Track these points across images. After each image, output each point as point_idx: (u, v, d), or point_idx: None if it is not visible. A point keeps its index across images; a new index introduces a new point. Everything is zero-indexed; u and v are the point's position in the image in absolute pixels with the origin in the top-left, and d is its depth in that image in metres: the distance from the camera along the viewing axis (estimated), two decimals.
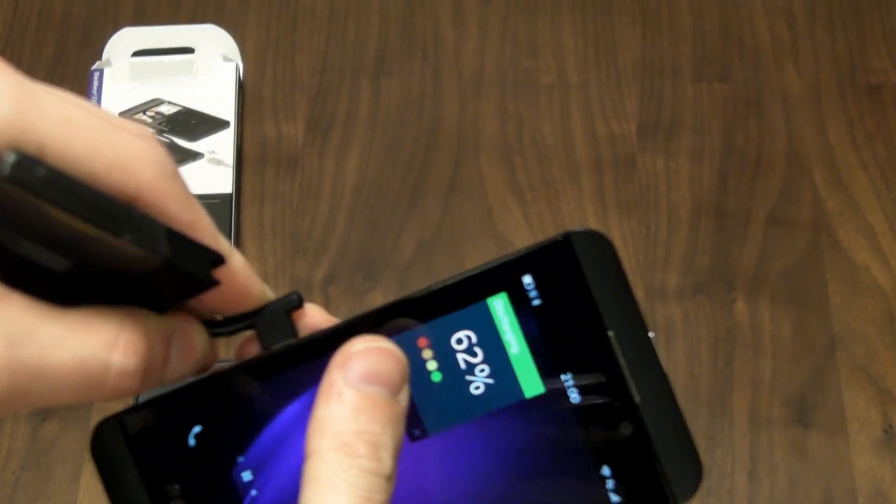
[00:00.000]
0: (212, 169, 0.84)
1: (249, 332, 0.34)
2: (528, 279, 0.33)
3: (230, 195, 0.83)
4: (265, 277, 0.65)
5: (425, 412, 0.33)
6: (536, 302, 0.33)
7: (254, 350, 0.34)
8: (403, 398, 0.31)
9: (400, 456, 0.32)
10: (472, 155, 0.86)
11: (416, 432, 0.33)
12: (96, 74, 0.88)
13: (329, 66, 0.91)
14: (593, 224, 0.84)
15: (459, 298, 0.33)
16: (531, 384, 0.33)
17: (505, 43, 0.92)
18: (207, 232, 0.32)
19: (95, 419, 0.79)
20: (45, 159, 0.27)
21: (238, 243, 0.82)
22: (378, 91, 0.90)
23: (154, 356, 0.31)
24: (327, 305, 0.80)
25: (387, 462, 0.30)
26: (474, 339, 0.33)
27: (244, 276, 0.33)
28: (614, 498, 0.33)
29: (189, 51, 0.89)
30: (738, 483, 0.75)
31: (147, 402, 0.33)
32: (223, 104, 0.87)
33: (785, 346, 0.79)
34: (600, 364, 0.33)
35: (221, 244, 0.32)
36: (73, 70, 0.91)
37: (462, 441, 0.33)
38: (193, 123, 0.86)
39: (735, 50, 0.91)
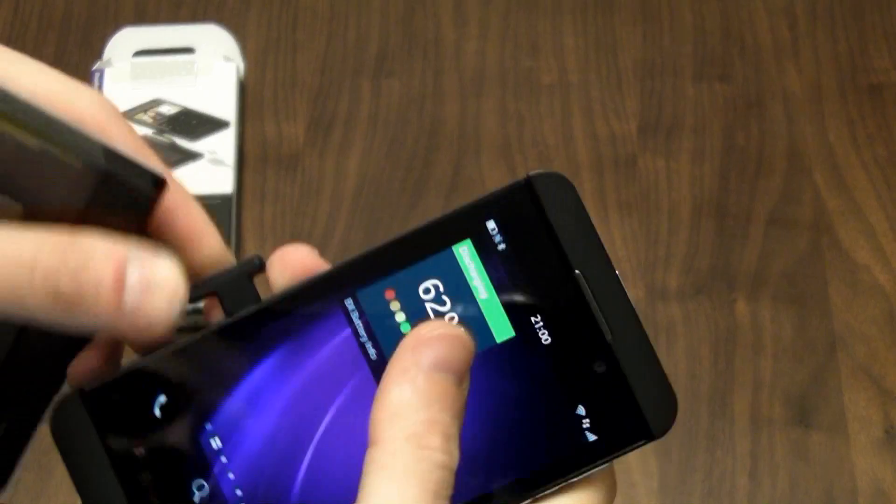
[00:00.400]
0: (212, 169, 0.84)
1: (213, 298, 0.34)
2: (491, 224, 0.33)
3: (231, 195, 0.83)
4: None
5: None
6: (501, 247, 0.33)
7: (217, 316, 0.34)
8: (466, 386, 0.31)
9: None
10: (473, 155, 0.86)
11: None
12: (97, 74, 0.88)
13: (330, 66, 0.91)
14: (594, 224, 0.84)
15: (424, 247, 0.33)
16: (501, 329, 0.33)
17: (506, 43, 0.92)
18: (152, 160, 0.32)
19: None
20: None
21: (239, 243, 0.82)
22: (379, 91, 0.90)
23: (97, 271, 0.29)
24: None
25: (455, 455, 0.30)
26: (442, 287, 0.33)
27: (195, 211, 0.33)
28: (591, 437, 0.33)
29: (189, 51, 0.89)
30: (739, 483, 0.75)
31: (110, 378, 0.33)
32: (224, 104, 0.87)
33: (786, 346, 0.79)
34: (569, 304, 0.33)
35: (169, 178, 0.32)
36: (74, 70, 0.91)
37: None
38: (194, 124, 0.86)
39: (736, 50, 0.91)
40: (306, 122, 0.88)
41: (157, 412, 0.33)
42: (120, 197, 0.30)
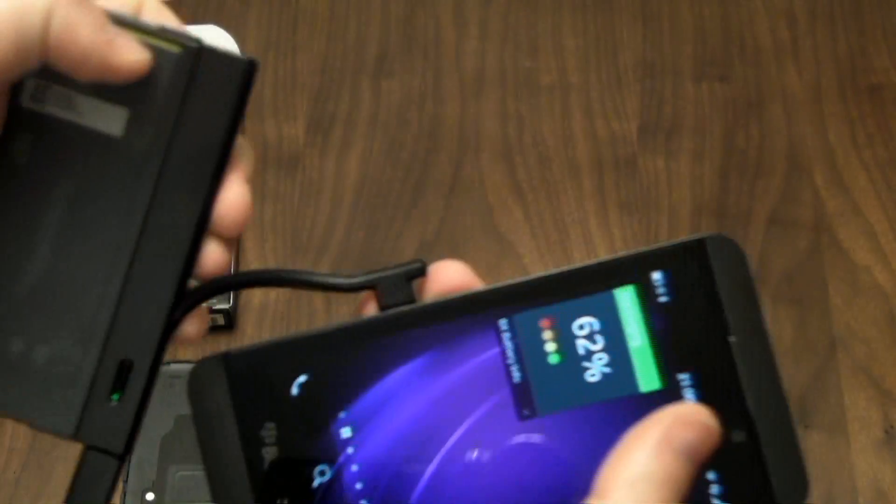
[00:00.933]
0: None
1: (370, 293, 0.34)
2: (657, 275, 0.33)
3: None
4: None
5: (539, 393, 0.33)
6: (663, 299, 0.33)
7: (372, 310, 0.34)
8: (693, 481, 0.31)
9: (507, 434, 0.32)
10: (473, 155, 0.86)
11: (526, 412, 0.33)
12: None
13: (329, 67, 0.91)
14: (594, 224, 0.84)
15: (587, 285, 0.33)
16: (648, 379, 0.33)
17: (506, 43, 0.92)
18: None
19: None
20: None
21: (239, 243, 0.82)
22: (379, 91, 0.90)
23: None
24: (328, 306, 0.80)
25: None
26: (597, 326, 0.33)
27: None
28: (717, 503, 0.33)
29: None
30: None
31: (255, 346, 0.34)
32: None
33: (786, 346, 0.79)
34: (719, 368, 0.33)
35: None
36: None
37: (571, 426, 0.33)
38: None
39: (736, 50, 0.91)
40: (306, 123, 0.89)
41: (295, 390, 0.33)
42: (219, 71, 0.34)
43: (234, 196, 0.34)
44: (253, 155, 0.36)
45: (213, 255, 0.34)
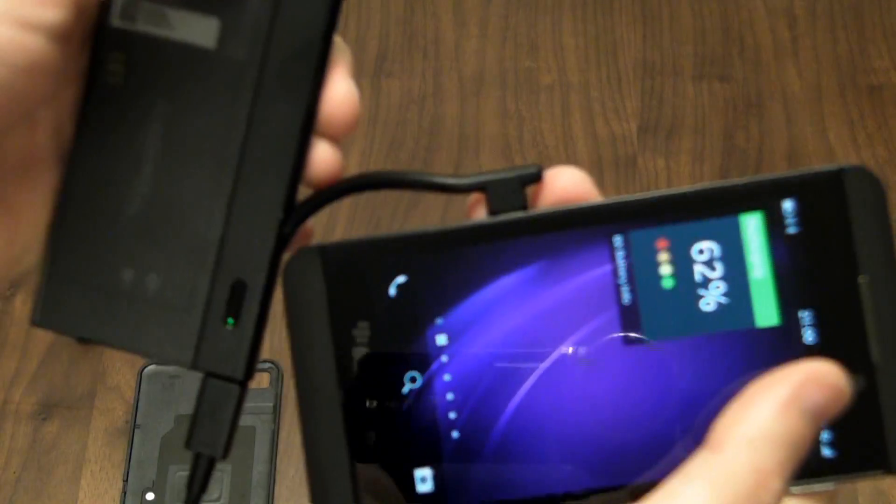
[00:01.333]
0: None
1: (480, 195, 0.33)
2: (788, 204, 0.31)
3: None
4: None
5: (647, 316, 0.31)
6: (792, 229, 0.31)
7: (481, 214, 0.32)
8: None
9: (614, 353, 0.31)
10: (473, 155, 0.86)
11: (634, 335, 0.31)
12: None
13: None
14: None
15: (712, 207, 0.31)
16: (766, 314, 0.31)
17: (505, 43, 0.92)
18: None
19: (97, 421, 0.79)
20: None
21: None
22: (378, 91, 0.90)
23: None
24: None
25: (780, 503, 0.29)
26: (717, 252, 0.31)
27: None
28: (827, 452, 0.31)
29: None
30: None
31: (355, 241, 0.32)
32: None
33: None
34: (845, 309, 0.30)
35: None
36: None
37: (678, 355, 0.31)
38: None
39: (736, 50, 0.91)
40: None
41: (393, 291, 0.32)
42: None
43: (341, 92, 0.33)
44: (350, 53, 0.34)
45: (324, 158, 0.33)
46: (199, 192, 0.32)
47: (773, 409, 0.29)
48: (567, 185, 0.32)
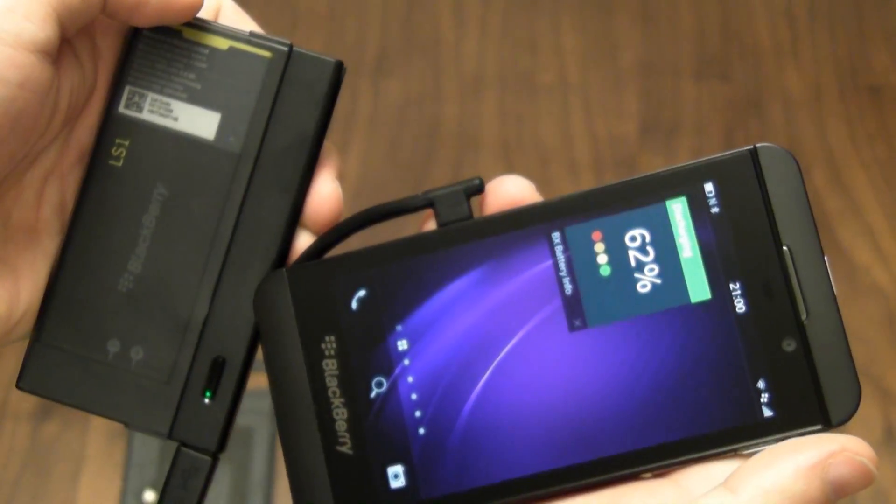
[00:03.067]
0: None
1: (429, 210, 0.36)
2: (709, 186, 0.34)
3: None
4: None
5: (589, 304, 0.34)
6: (715, 210, 0.33)
7: (431, 227, 0.35)
8: None
9: (556, 345, 0.33)
10: (472, 155, 0.86)
11: (577, 322, 0.34)
12: None
13: None
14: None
15: (640, 197, 0.34)
16: (698, 289, 0.33)
17: (505, 43, 0.92)
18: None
19: (96, 421, 0.79)
20: None
21: None
22: (378, 91, 0.90)
23: None
24: None
25: None
26: (648, 238, 0.34)
27: None
28: (767, 412, 0.33)
29: None
30: None
31: (317, 262, 0.35)
32: None
33: None
34: (771, 277, 0.33)
35: None
36: None
37: (620, 337, 0.33)
38: None
39: (735, 50, 0.91)
40: None
41: (354, 304, 0.34)
42: (306, 72, 0.35)
43: (326, 191, 0.36)
44: (338, 155, 0.37)
45: (305, 249, 0.36)
46: (188, 273, 0.35)
47: (797, 469, 0.30)
48: (511, 191, 0.35)
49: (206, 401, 0.35)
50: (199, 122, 0.35)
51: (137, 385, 0.35)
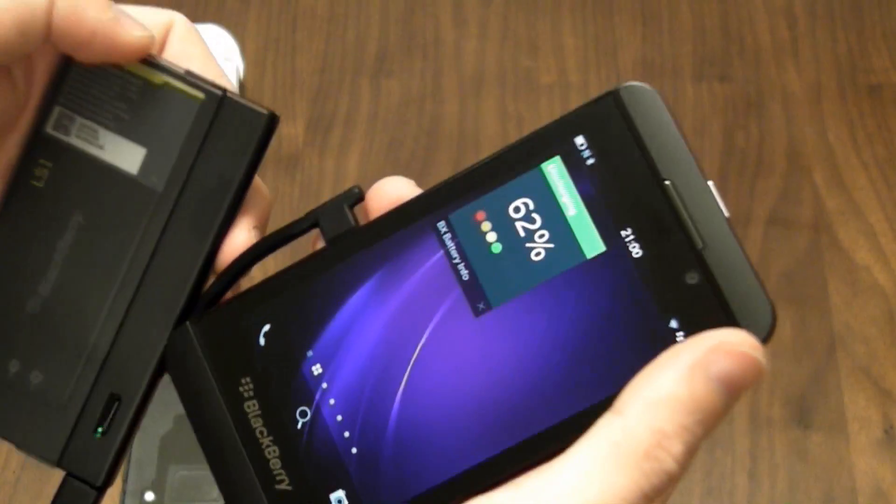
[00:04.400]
0: None
1: (317, 230, 0.35)
2: (580, 139, 0.33)
3: None
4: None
5: (488, 285, 0.33)
6: (590, 161, 0.33)
7: (320, 245, 0.35)
8: (730, 410, 0.30)
9: (465, 332, 0.32)
10: (473, 155, 0.86)
11: (481, 306, 0.33)
12: None
13: (329, 66, 0.91)
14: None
15: (513, 168, 0.33)
16: (591, 244, 0.33)
17: (505, 43, 0.92)
18: (220, 73, 0.36)
19: None
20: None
21: None
22: (378, 91, 0.90)
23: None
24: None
25: (685, 469, 0.29)
26: (531, 206, 0.33)
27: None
28: (680, 340, 0.32)
29: None
30: (739, 483, 0.75)
31: (219, 308, 0.34)
32: None
33: (785, 346, 0.79)
34: (660, 215, 0.32)
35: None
36: None
37: (527, 310, 0.33)
38: None
39: (735, 50, 0.91)
40: (306, 123, 0.89)
41: (262, 341, 0.34)
42: (235, 119, 0.35)
43: (240, 240, 0.35)
44: (268, 201, 0.37)
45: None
46: (95, 305, 0.34)
47: (677, 373, 0.29)
48: (391, 193, 0.35)
49: (98, 435, 0.34)
50: (125, 154, 0.34)
51: (33, 409, 0.34)
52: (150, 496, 0.74)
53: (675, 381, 0.29)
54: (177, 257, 0.35)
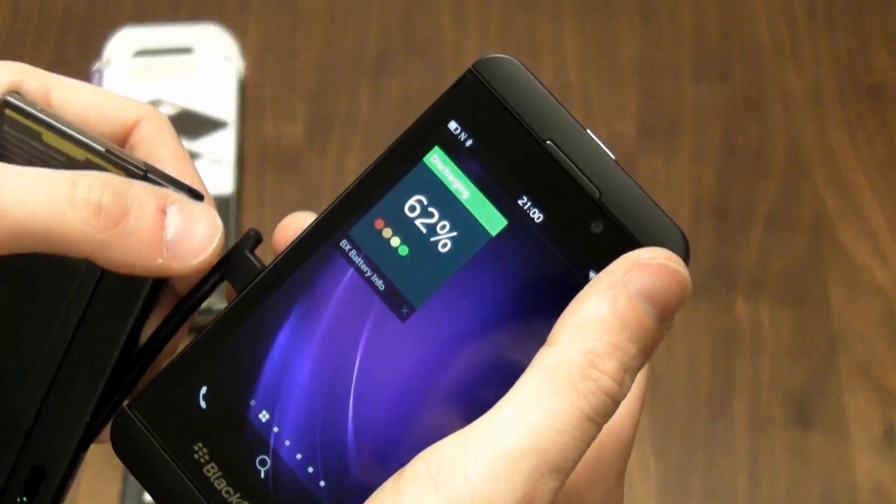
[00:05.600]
0: (212, 170, 0.84)
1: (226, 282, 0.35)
2: (453, 124, 0.33)
3: (230, 196, 0.83)
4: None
5: (405, 288, 0.33)
6: (469, 143, 0.33)
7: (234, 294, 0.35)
8: (666, 329, 0.30)
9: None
10: None
11: (404, 310, 0.33)
12: (96, 75, 0.88)
13: (329, 66, 0.91)
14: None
15: (397, 169, 0.34)
16: (493, 221, 0.33)
17: (505, 43, 0.92)
18: (189, 173, 0.34)
19: None
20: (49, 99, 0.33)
21: None
22: (378, 91, 0.90)
23: (140, 197, 0.31)
24: None
25: (626, 388, 0.29)
26: (425, 200, 0.33)
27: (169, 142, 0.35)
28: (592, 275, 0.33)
29: (189, 51, 0.90)
30: (739, 484, 0.75)
31: (149, 383, 0.34)
32: (223, 104, 0.87)
33: (785, 346, 0.79)
34: (549, 175, 0.33)
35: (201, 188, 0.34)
36: (74, 70, 0.91)
37: (450, 301, 0.33)
38: (193, 124, 0.86)
39: (735, 50, 0.91)
40: (306, 123, 0.88)
41: (203, 404, 0.34)
42: None
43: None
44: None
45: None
46: (21, 377, 0.34)
47: (599, 296, 0.29)
48: (297, 227, 0.34)
49: None
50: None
51: None
52: (149, 496, 0.74)
53: (598, 303, 0.29)
54: (100, 334, 0.35)
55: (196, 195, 0.34)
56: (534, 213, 0.33)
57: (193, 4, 0.94)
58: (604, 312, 0.29)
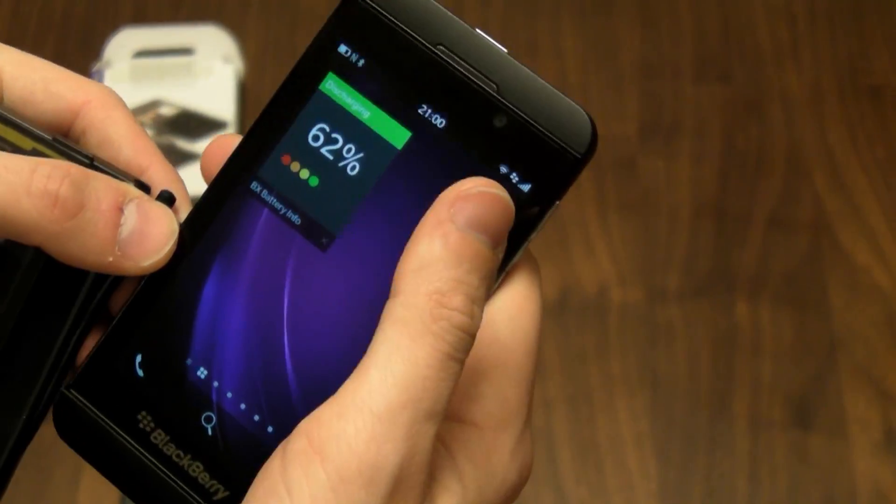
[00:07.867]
0: None
1: None
2: (342, 48, 0.34)
3: None
4: None
5: (321, 218, 0.33)
6: (361, 62, 0.33)
7: None
8: (500, 253, 0.30)
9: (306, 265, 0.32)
10: None
11: (324, 240, 0.33)
12: (96, 75, 0.88)
13: None
14: (593, 225, 0.84)
15: (295, 102, 0.34)
16: (396, 134, 0.33)
17: (505, 43, 0.92)
18: (149, 151, 0.34)
19: None
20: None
21: None
22: None
23: (98, 190, 0.30)
24: None
25: (477, 319, 0.29)
26: (327, 128, 0.33)
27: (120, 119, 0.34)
28: (525, 187, 0.33)
29: (189, 52, 0.89)
30: (739, 485, 0.75)
31: (87, 360, 0.34)
32: (223, 105, 0.87)
33: (785, 347, 0.79)
34: (445, 79, 0.33)
35: (166, 174, 0.34)
36: (74, 70, 0.91)
37: (369, 221, 0.33)
38: (193, 125, 0.86)
39: (735, 51, 0.91)
40: None
41: (140, 372, 0.33)
42: None
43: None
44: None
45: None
46: None
47: (429, 237, 0.29)
48: (224, 153, 0.34)
49: None
50: None
51: None
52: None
53: (431, 244, 0.29)
54: (41, 328, 0.34)
55: (144, 187, 0.33)
56: (436, 119, 0.33)
57: (193, 5, 0.94)
58: (438, 251, 0.29)
